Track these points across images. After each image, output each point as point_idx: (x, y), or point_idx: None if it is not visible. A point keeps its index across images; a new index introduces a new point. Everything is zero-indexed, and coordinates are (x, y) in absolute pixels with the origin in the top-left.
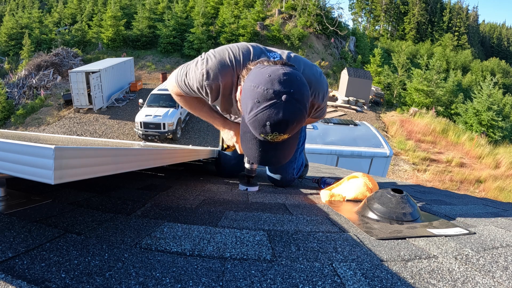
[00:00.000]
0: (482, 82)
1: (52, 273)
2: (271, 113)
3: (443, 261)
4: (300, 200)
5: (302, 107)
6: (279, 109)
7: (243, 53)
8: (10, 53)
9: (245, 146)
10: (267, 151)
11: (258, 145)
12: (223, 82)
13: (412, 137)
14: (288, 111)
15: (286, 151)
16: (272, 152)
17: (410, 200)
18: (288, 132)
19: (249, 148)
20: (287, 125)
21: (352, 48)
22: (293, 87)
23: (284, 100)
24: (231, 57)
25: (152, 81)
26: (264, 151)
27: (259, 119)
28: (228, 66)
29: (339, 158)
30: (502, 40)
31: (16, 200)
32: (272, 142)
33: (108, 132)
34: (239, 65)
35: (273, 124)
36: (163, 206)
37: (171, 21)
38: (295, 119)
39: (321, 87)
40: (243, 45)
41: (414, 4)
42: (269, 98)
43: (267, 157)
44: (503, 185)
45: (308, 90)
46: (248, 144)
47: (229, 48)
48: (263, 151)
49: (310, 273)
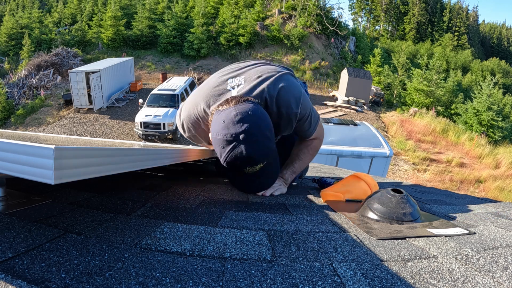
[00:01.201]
0: (482, 82)
1: (52, 273)
2: (236, 153)
3: (443, 261)
4: (300, 200)
5: (262, 138)
6: (240, 148)
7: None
8: (10, 53)
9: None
10: (252, 180)
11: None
12: (198, 132)
13: (412, 137)
14: (250, 147)
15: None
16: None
17: (410, 200)
18: (261, 162)
19: (239, 184)
20: (254, 158)
21: (352, 48)
22: (247, 124)
23: (242, 139)
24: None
25: (152, 81)
26: (249, 182)
27: (230, 162)
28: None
29: (339, 158)
30: (502, 40)
31: (16, 200)
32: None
33: (108, 132)
34: (203, 117)
35: (243, 162)
36: (163, 206)
37: (171, 21)
38: (258, 151)
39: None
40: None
41: (414, 4)
42: (229, 142)
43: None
44: (503, 185)
45: (265, 118)
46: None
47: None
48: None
49: (310, 273)
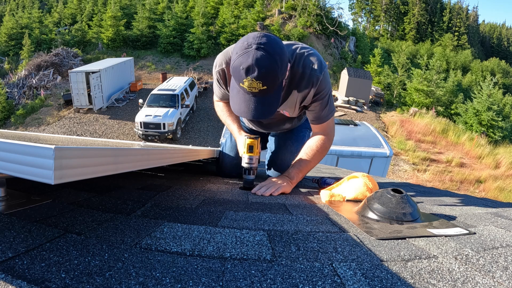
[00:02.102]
0: (482, 82)
1: (52, 273)
2: (243, 59)
3: (443, 261)
4: (300, 200)
5: (272, 58)
6: (249, 55)
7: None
8: (10, 53)
9: (233, 102)
10: (249, 103)
11: (242, 98)
12: (227, 68)
13: (412, 137)
14: (256, 57)
15: (267, 105)
16: (253, 105)
17: (410, 200)
18: (261, 79)
19: (236, 103)
20: (256, 69)
21: (352, 48)
22: (265, 42)
23: (254, 48)
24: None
25: (152, 81)
26: (246, 102)
27: (235, 66)
28: (227, 53)
29: (339, 158)
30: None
31: (16, 200)
32: (251, 92)
33: (108, 132)
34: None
35: (245, 68)
36: (163, 206)
37: (171, 21)
38: (262, 64)
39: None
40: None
41: (414, 4)
42: (244, 48)
43: (249, 109)
44: (503, 185)
45: (283, 53)
46: (235, 99)
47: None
48: (246, 103)
49: (310, 273)
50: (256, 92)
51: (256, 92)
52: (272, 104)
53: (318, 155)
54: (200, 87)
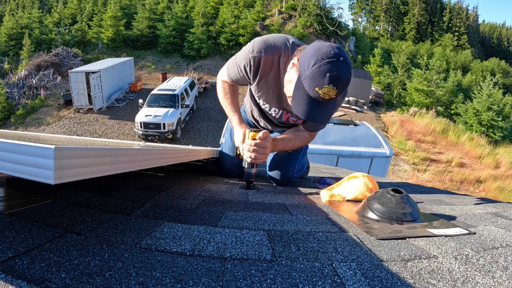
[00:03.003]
0: (482, 82)
1: (52, 273)
2: (332, 67)
3: (443, 261)
4: (300, 200)
5: (350, 70)
6: (338, 65)
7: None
8: (10, 53)
9: (296, 103)
10: (315, 109)
11: (307, 102)
12: (265, 57)
13: (412, 137)
14: (344, 69)
15: (329, 112)
16: (318, 111)
17: (410, 200)
18: (339, 89)
19: (299, 104)
20: (342, 80)
21: (352, 48)
22: (346, 56)
23: (341, 61)
24: (277, 41)
25: (152, 81)
26: (312, 107)
27: (322, 71)
28: (272, 46)
29: (339, 158)
30: (502, 40)
31: (16, 200)
32: (321, 99)
33: (108, 132)
34: (286, 49)
35: (332, 76)
36: (163, 206)
37: (171, 21)
38: (347, 77)
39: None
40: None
41: (414, 4)
42: (331, 57)
43: (314, 114)
44: (503, 185)
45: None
46: (299, 101)
47: (276, 35)
48: (311, 108)
49: (310, 273)
50: (327, 99)
51: (326, 99)
52: (332, 111)
53: (299, 144)
54: (200, 87)
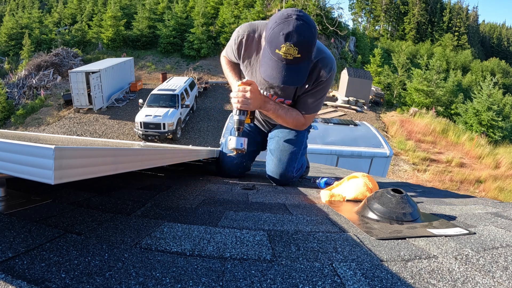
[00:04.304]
0: (482, 82)
1: (52, 273)
2: (284, 26)
3: (443, 261)
4: (300, 200)
5: (309, 28)
6: (290, 23)
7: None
8: (10, 53)
9: (264, 69)
10: (281, 69)
11: (274, 65)
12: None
13: (412, 137)
14: (299, 26)
15: (297, 73)
16: (284, 72)
17: (410, 200)
18: (299, 46)
19: (267, 70)
20: (298, 36)
21: (352, 48)
22: (303, 14)
23: (295, 18)
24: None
25: (152, 81)
26: (278, 69)
27: (274, 32)
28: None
29: (339, 158)
30: (502, 40)
31: (16, 200)
32: (285, 59)
33: (108, 132)
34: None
35: (286, 34)
36: (163, 206)
37: (171, 21)
38: (301, 31)
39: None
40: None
41: (414, 4)
42: (284, 17)
43: (281, 76)
44: (503, 185)
45: (316, 29)
46: (266, 66)
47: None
48: (277, 69)
49: (310, 273)
50: (291, 59)
51: (290, 59)
52: (301, 73)
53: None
54: (200, 87)
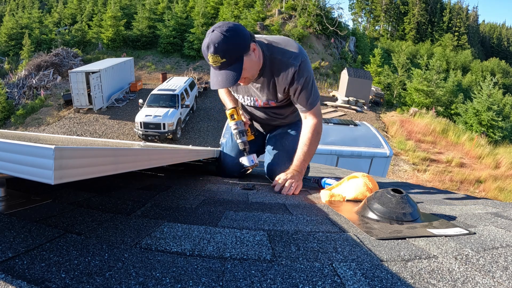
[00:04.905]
0: (482, 82)
1: (52, 273)
2: (204, 41)
3: (443, 261)
4: (300, 200)
5: (224, 35)
6: (208, 36)
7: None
8: (10, 53)
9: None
10: (217, 75)
11: (212, 73)
12: None
13: (412, 137)
14: (211, 37)
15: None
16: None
17: (410, 200)
18: (217, 52)
19: (211, 78)
20: (212, 46)
21: (352, 48)
22: (220, 25)
23: (211, 31)
24: None
25: (152, 81)
26: (215, 76)
27: (202, 46)
28: None
29: (339, 158)
30: (502, 40)
31: (16, 200)
32: (216, 66)
33: (108, 132)
34: None
35: (205, 46)
36: (163, 206)
37: (171, 21)
38: (216, 40)
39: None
40: None
41: (414, 4)
42: (207, 33)
43: (217, 80)
44: (503, 185)
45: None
46: (211, 76)
47: None
48: (215, 76)
49: (310, 273)
50: (219, 65)
51: (219, 65)
52: (235, 74)
53: (315, 142)
54: (200, 87)
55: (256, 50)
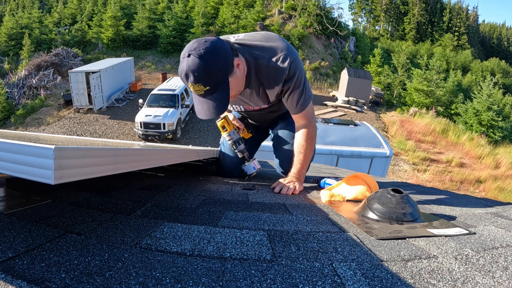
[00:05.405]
0: (482, 82)
1: (52, 273)
2: (181, 67)
3: (443, 261)
4: (300, 200)
5: (203, 60)
6: (183, 63)
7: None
8: (10, 53)
9: (195, 104)
10: (202, 104)
11: (197, 100)
12: None
13: (412, 137)
14: (188, 64)
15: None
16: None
17: (410, 200)
18: (199, 81)
19: (196, 105)
20: (192, 74)
21: (352, 48)
22: (196, 47)
23: (186, 56)
24: None
25: (152, 81)
26: (201, 104)
27: (179, 75)
28: None
29: (339, 158)
30: (502, 40)
31: (16, 200)
32: (200, 94)
33: (108, 132)
34: None
35: (184, 76)
36: (163, 206)
37: (171, 21)
38: (194, 68)
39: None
40: None
41: (414, 4)
42: (182, 58)
43: (203, 109)
44: (503, 185)
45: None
46: (195, 102)
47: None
48: (201, 104)
49: (310, 273)
50: (203, 93)
51: (203, 94)
52: (222, 100)
53: (309, 147)
54: None
55: (240, 65)
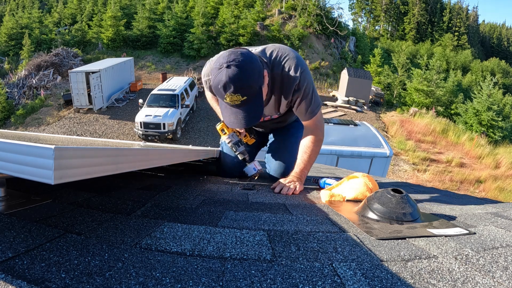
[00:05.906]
0: (482, 82)
1: (52, 273)
2: (219, 78)
3: (443, 261)
4: (300, 200)
5: (243, 71)
6: (222, 74)
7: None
8: (10, 53)
9: (224, 116)
10: (236, 114)
11: (230, 111)
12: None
13: (412, 137)
14: (229, 74)
15: (252, 113)
16: (241, 115)
17: (410, 200)
18: (239, 92)
19: (226, 117)
20: (233, 84)
21: (352, 48)
22: (234, 58)
23: (225, 67)
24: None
25: (152, 81)
26: (234, 114)
27: (214, 86)
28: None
29: (339, 158)
30: (502, 40)
31: (16, 200)
32: (235, 105)
33: (108, 132)
34: None
35: (222, 86)
36: (163, 206)
37: (171, 21)
38: (235, 78)
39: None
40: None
41: (414, 4)
42: (217, 69)
43: (238, 119)
44: (503, 185)
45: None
46: (225, 113)
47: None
48: (234, 115)
49: (310, 273)
50: (239, 103)
51: (239, 104)
52: (257, 110)
53: (315, 149)
54: (200, 87)
55: (266, 76)
